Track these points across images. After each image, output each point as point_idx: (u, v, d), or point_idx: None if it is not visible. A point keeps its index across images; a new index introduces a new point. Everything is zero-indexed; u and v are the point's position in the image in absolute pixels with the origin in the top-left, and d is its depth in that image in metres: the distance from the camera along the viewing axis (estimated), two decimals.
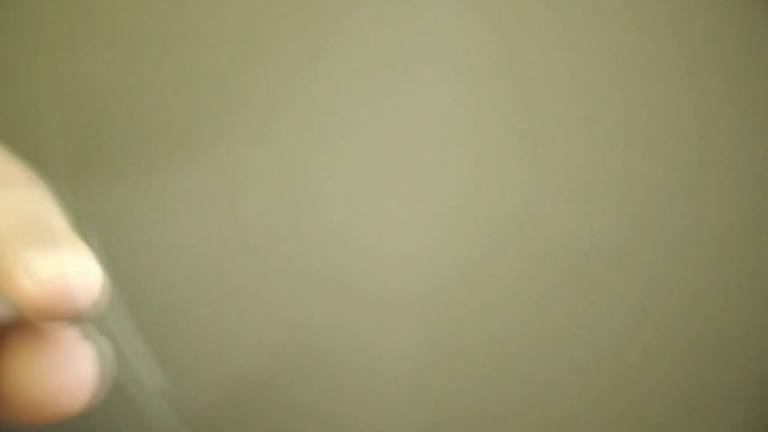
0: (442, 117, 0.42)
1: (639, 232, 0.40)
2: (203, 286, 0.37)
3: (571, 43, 0.41)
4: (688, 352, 0.39)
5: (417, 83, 0.44)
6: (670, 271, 0.39)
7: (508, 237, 0.40)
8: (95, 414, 0.36)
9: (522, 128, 0.41)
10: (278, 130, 0.47)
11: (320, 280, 0.44)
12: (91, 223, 0.38)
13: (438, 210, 0.41)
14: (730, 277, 0.39)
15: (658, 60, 0.40)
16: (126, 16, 0.44)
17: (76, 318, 0.22)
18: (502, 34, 0.42)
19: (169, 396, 0.28)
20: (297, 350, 0.39)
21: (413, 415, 0.39)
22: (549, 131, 0.41)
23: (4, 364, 0.23)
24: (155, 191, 0.42)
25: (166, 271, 0.37)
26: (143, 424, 0.30)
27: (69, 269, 0.21)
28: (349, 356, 0.39)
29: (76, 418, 0.34)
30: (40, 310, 0.21)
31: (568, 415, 0.39)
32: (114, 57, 0.42)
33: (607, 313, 0.39)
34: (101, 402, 0.32)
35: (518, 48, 0.42)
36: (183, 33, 0.44)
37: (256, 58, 0.44)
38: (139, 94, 0.42)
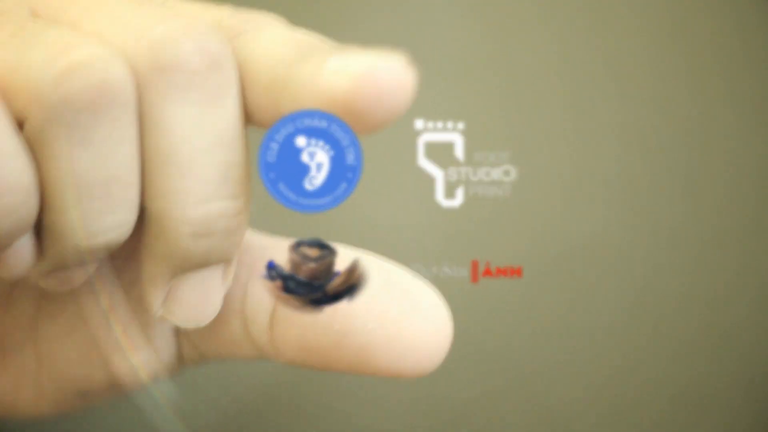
0: (438, 114, 0.42)
1: (634, 229, 0.41)
2: None
3: (566, 41, 0.42)
4: (684, 349, 0.41)
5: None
6: (667, 268, 0.41)
7: (504, 235, 0.41)
8: (104, 422, 0.38)
9: (518, 127, 0.41)
10: None
11: None
12: None
13: (436, 212, 0.41)
14: (726, 274, 0.41)
15: (654, 58, 0.42)
16: None
17: (392, 117, 0.21)
18: (498, 33, 0.43)
19: (178, 406, 0.27)
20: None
21: (417, 414, 0.40)
22: (545, 130, 0.41)
23: (365, 313, 0.23)
24: None
25: None
26: None
27: (381, 63, 0.21)
28: None
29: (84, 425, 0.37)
30: (357, 106, 0.21)
31: (566, 412, 0.40)
32: None
33: (604, 310, 0.41)
34: (110, 411, 0.37)
35: (515, 47, 0.42)
36: None
37: None
38: None
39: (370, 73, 0.20)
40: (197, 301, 0.23)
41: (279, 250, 0.24)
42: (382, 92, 0.21)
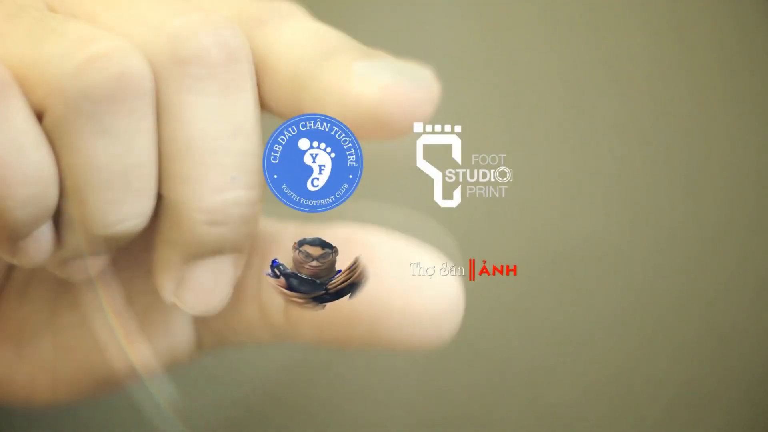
0: (436, 117, 0.41)
1: (633, 229, 0.41)
2: None
3: (564, 43, 0.42)
4: (684, 348, 0.41)
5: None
6: (666, 268, 0.41)
7: (501, 234, 0.40)
8: (105, 425, 0.38)
9: (514, 130, 0.41)
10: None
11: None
12: None
13: (434, 212, 0.41)
14: (726, 274, 0.41)
15: (653, 59, 0.42)
16: None
17: (410, 127, 0.22)
18: (494, 38, 0.43)
19: (179, 408, 0.27)
20: (305, 362, 0.40)
21: (415, 413, 0.40)
22: (540, 133, 0.41)
23: (375, 287, 0.23)
24: None
25: None
26: None
27: (409, 74, 0.21)
28: (354, 362, 0.41)
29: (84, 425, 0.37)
30: (382, 116, 0.21)
31: (565, 411, 0.40)
32: None
33: (602, 310, 0.41)
34: (110, 411, 0.37)
35: (513, 46, 0.42)
36: None
37: None
38: None
39: (397, 84, 0.21)
40: (207, 289, 0.24)
41: (289, 235, 0.24)
42: (408, 104, 0.21)
